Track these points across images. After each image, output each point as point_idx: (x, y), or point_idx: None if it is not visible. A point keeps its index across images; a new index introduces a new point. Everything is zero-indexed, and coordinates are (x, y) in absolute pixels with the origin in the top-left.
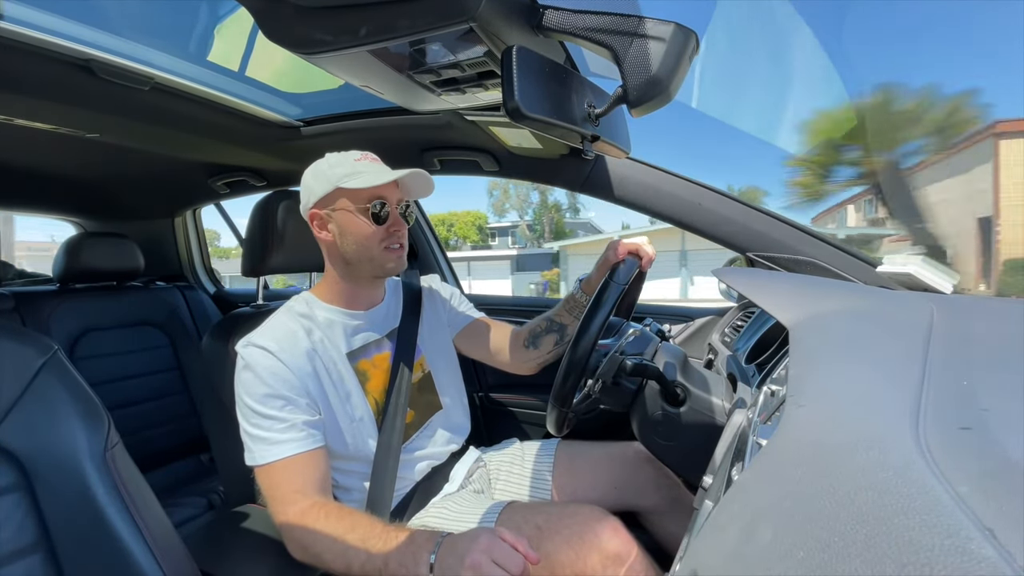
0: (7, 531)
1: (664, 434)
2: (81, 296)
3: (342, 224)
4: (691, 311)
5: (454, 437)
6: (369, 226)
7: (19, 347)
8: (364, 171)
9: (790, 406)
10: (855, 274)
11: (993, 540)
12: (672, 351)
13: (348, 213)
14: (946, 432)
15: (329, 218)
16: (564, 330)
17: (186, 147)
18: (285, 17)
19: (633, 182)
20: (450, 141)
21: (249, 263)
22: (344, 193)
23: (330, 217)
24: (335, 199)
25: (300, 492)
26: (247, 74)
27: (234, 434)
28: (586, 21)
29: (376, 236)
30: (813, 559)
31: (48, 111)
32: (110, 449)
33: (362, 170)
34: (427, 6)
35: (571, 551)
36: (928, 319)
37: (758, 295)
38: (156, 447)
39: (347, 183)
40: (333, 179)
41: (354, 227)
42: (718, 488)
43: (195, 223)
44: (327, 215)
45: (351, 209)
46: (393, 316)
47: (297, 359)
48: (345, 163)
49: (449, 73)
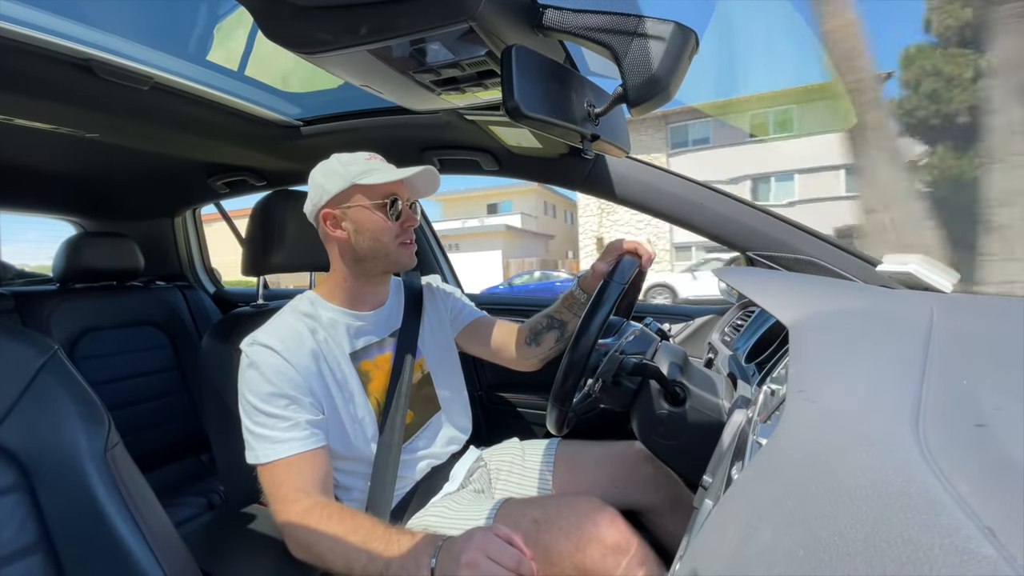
0: (8, 531)
1: (664, 433)
2: (81, 296)
3: (358, 221)
4: (691, 310)
5: (454, 437)
6: (385, 221)
7: (19, 347)
8: (378, 168)
9: (798, 401)
10: (855, 273)
11: (993, 539)
12: (672, 350)
13: (364, 209)
14: (946, 431)
15: (344, 216)
16: (564, 327)
17: (186, 147)
18: (285, 17)
19: (633, 181)
20: (450, 140)
21: (250, 263)
22: (360, 190)
23: (345, 215)
24: (350, 196)
25: (303, 491)
26: (247, 74)
27: (234, 434)
28: (586, 20)
29: (392, 231)
30: (813, 558)
31: (48, 111)
32: (110, 449)
33: (375, 167)
34: (427, 5)
35: (569, 543)
36: (928, 318)
37: (758, 294)
38: (156, 447)
39: (363, 180)
40: (348, 176)
41: (371, 223)
42: (718, 487)
43: (195, 223)
44: (342, 213)
45: (367, 205)
46: (396, 317)
47: (302, 358)
48: (358, 161)
49: (449, 72)
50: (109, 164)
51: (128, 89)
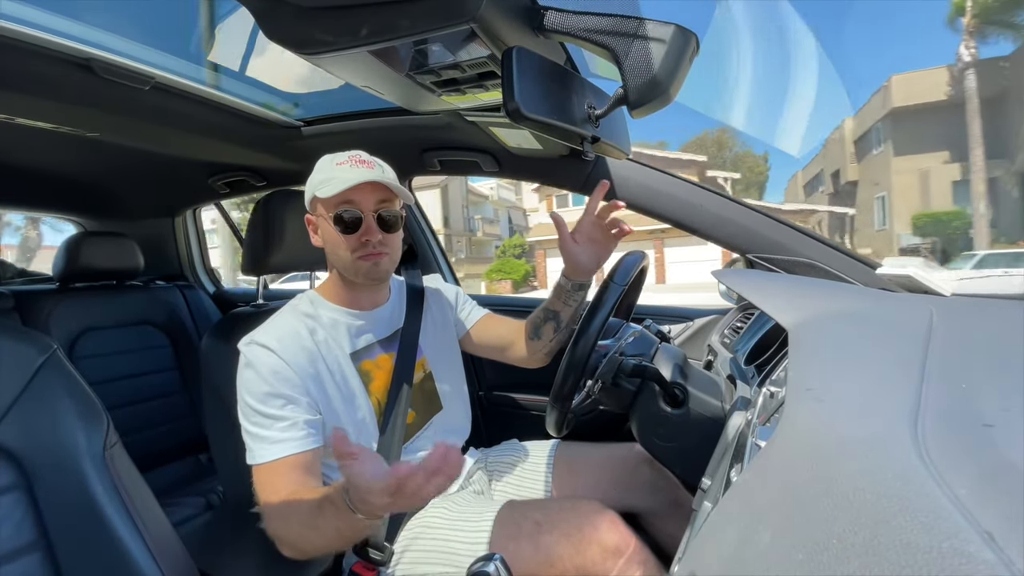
0: (6, 530)
1: (663, 435)
2: (81, 295)
3: (323, 230)
4: (691, 312)
5: (454, 438)
6: (338, 234)
7: (18, 346)
8: (336, 176)
9: (800, 402)
10: (855, 276)
11: (992, 543)
12: (672, 352)
13: (324, 220)
14: (945, 434)
15: (316, 223)
16: (558, 316)
17: (186, 147)
18: (286, 17)
19: (633, 183)
20: (450, 141)
21: (250, 262)
22: (319, 201)
23: (317, 222)
24: (315, 206)
25: (295, 493)
26: (248, 74)
27: (233, 434)
28: (587, 22)
29: (346, 244)
30: (812, 561)
31: (49, 110)
32: (109, 448)
33: (336, 175)
34: (428, 7)
35: (570, 545)
36: (927, 321)
37: (758, 297)
38: (155, 447)
39: (319, 191)
40: (311, 186)
41: (328, 235)
42: (717, 490)
43: (195, 223)
44: (316, 220)
45: (326, 216)
46: (397, 317)
47: (299, 358)
48: (325, 168)
49: (449, 74)
50: (109, 164)
51: (129, 89)
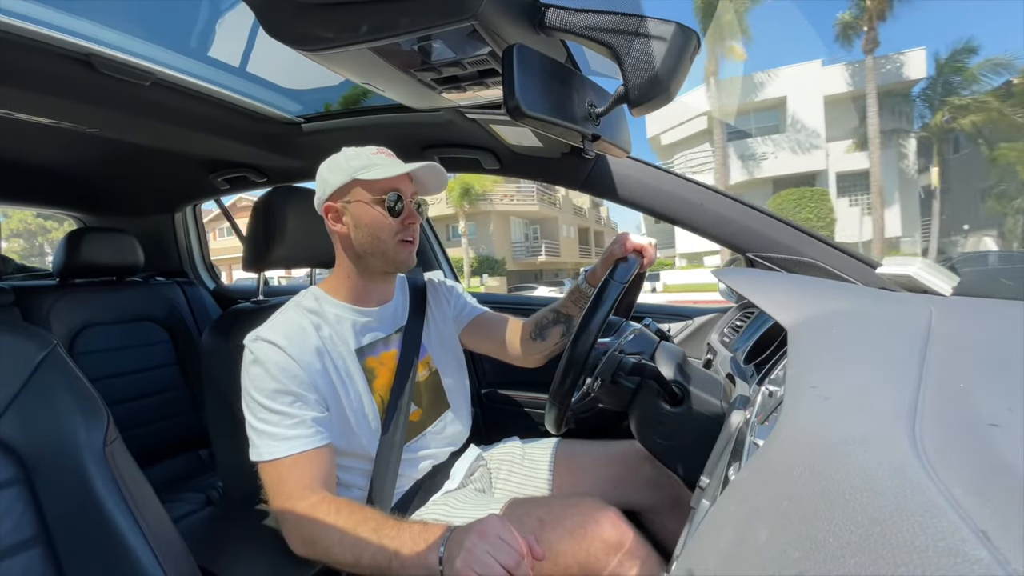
0: (6, 525)
1: (662, 433)
2: (81, 291)
3: (357, 216)
4: (690, 310)
5: (457, 436)
6: (384, 217)
7: (18, 341)
8: (380, 163)
9: (801, 399)
10: (854, 275)
11: (987, 542)
12: (671, 351)
13: (363, 204)
14: (943, 434)
15: (344, 210)
16: (571, 321)
17: (186, 143)
18: (286, 13)
19: (634, 181)
20: (451, 139)
21: (251, 258)
22: (360, 184)
23: (345, 209)
24: (350, 190)
25: (309, 488)
26: (248, 70)
27: (233, 430)
28: (587, 20)
29: (391, 228)
30: (808, 559)
31: (48, 105)
32: (109, 444)
33: (378, 163)
34: (429, 4)
35: (573, 542)
36: (927, 321)
37: (757, 296)
38: (155, 442)
39: (363, 174)
40: (349, 171)
41: (369, 219)
42: (715, 488)
43: (195, 219)
44: (342, 207)
45: (367, 200)
46: (401, 314)
47: (307, 355)
48: (362, 156)
49: (450, 71)
50: (109, 160)
51: (129, 84)
